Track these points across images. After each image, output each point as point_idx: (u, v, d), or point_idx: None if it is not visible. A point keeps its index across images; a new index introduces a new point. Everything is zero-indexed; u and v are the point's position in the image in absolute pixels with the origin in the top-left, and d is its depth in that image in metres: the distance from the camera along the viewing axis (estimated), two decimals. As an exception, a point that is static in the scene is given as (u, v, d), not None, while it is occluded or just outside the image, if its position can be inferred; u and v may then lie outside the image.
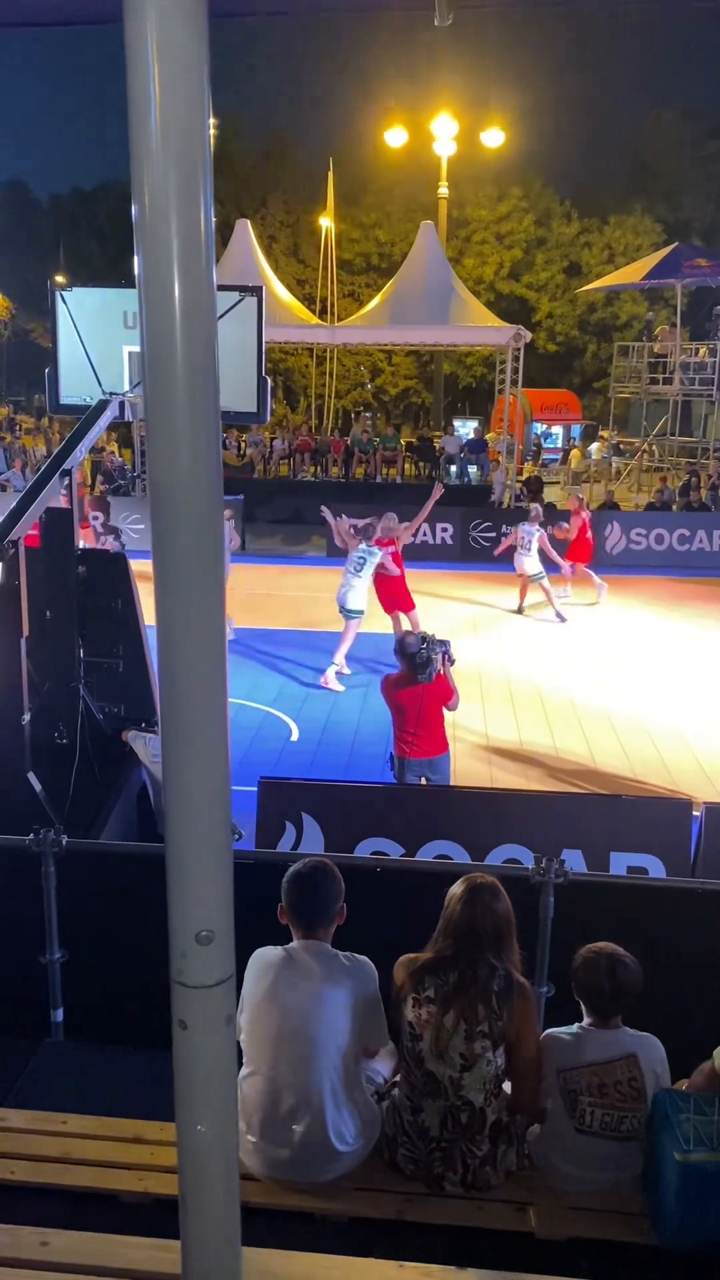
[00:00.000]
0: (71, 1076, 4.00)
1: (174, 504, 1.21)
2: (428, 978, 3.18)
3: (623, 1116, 3.06)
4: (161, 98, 1.24)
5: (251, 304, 7.65)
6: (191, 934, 1.08)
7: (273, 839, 6.19)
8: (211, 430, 1.30)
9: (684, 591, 16.58)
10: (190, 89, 1.27)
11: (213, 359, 1.30)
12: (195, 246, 1.27)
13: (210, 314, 1.34)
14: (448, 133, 28.49)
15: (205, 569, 1.21)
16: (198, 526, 1.20)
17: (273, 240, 38.59)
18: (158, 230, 1.25)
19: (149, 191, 1.24)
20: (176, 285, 1.23)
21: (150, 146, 1.25)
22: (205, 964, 1.11)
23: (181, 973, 1.12)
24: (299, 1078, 3.08)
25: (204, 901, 1.10)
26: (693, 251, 26.83)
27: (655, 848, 6.11)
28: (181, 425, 1.23)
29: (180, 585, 1.18)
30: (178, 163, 1.25)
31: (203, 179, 1.30)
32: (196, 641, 1.16)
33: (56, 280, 9.02)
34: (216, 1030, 1.12)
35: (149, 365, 1.30)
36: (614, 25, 33.84)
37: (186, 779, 1.08)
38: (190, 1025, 1.13)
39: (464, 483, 24.83)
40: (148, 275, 1.28)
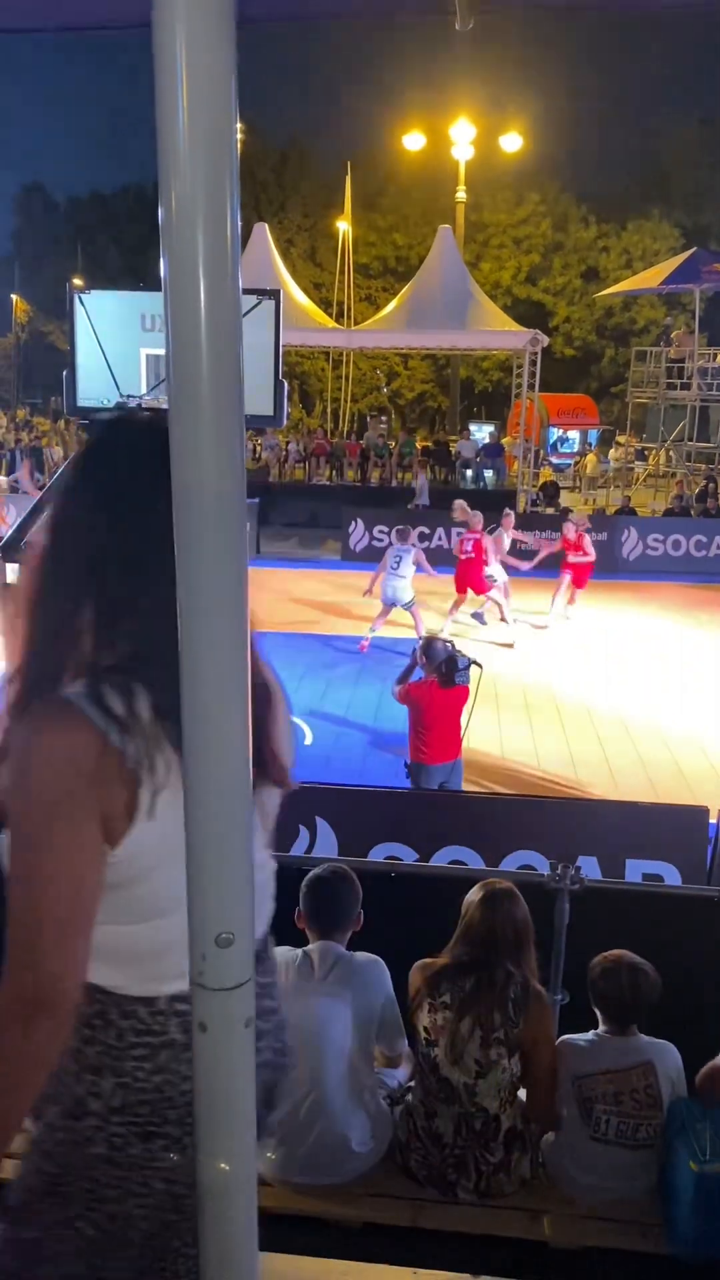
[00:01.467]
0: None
1: (198, 509, 1.21)
2: (444, 983, 3.17)
3: (638, 1124, 3.04)
4: (189, 100, 1.24)
5: (269, 307, 7.69)
6: (211, 936, 1.08)
7: (287, 842, 6.19)
8: (236, 436, 1.30)
9: (701, 598, 16.51)
10: (218, 92, 1.26)
11: (237, 365, 1.30)
12: (221, 251, 1.27)
13: (235, 320, 1.33)
14: (466, 137, 28.50)
15: (229, 573, 1.21)
16: (222, 531, 1.20)
17: (290, 244, 38.70)
18: (184, 234, 1.25)
19: (176, 195, 1.24)
20: (202, 291, 1.23)
21: (178, 149, 1.24)
22: (225, 966, 1.11)
23: (201, 975, 1.11)
24: (311, 1080, 3.08)
25: (224, 903, 1.10)
26: (711, 256, 26.77)
27: (671, 855, 6.08)
28: (206, 431, 1.23)
29: (204, 588, 1.18)
30: (205, 166, 1.24)
31: (230, 183, 1.30)
32: (219, 644, 1.16)
33: (75, 283, 9.07)
34: (237, 1032, 1.12)
35: (173, 371, 1.30)
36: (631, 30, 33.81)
37: (206, 782, 1.08)
38: (210, 1028, 1.13)
39: (480, 487, 24.82)
40: (173, 280, 1.27)
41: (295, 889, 3.45)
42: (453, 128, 28.56)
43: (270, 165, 42.96)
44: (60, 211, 51.61)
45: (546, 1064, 3.15)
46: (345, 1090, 3.10)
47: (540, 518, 20.84)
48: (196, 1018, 1.10)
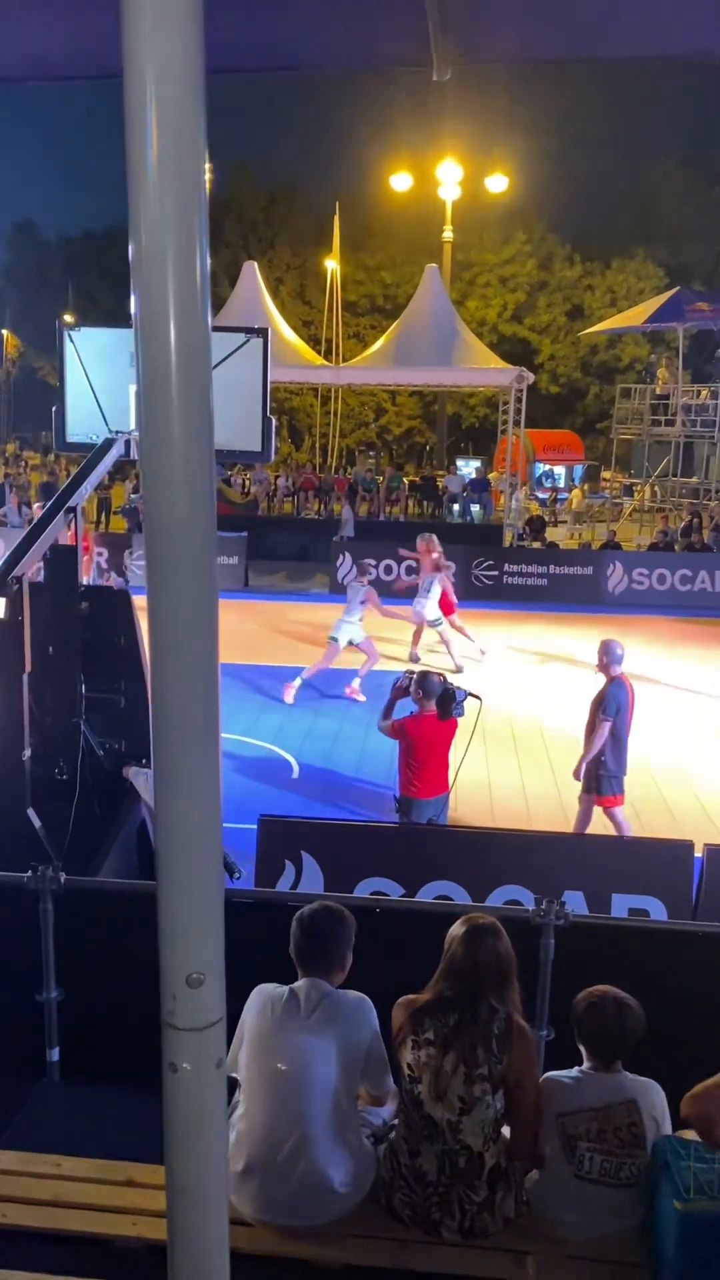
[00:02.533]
0: (66, 1117, 3.96)
1: (168, 544, 1.23)
2: (427, 1019, 3.16)
3: (622, 1163, 3.02)
4: (159, 148, 1.27)
5: (257, 345, 7.74)
6: (182, 976, 1.08)
7: (272, 877, 6.16)
8: (206, 471, 1.32)
9: (686, 632, 16.59)
10: (187, 140, 1.30)
11: (207, 400, 1.32)
12: (191, 289, 1.29)
13: (205, 355, 1.36)
14: (452, 178, 28.94)
15: (200, 610, 1.22)
16: (192, 566, 1.22)
17: (279, 282, 39.11)
18: (153, 275, 1.28)
19: (145, 236, 1.27)
20: (172, 330, 1.26)
21: (147, 188, 1.27)
22: (196, 1006, 1.11)
23: (172, 1014, 1.12)
24: (294, 1118, 3.06)
25: (195, 944, 1.10)
26: (694, 296, 27.18)
27: (657, 889, 6.08)
28: (177, 466, 1.25)
29: (175, 627, 1.20)
30: (175, 205, 1.27)
31: (199, 222, 1.33)
32: (189, 682, 1.18)
33: (65, 320, 9.13)
34: (207, 1073, 1.12)
35: (145, 408, 1.33)
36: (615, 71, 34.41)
37: (178, 821, 1.09)
38: (180, 1068, 1.13)
39: (467, 521, 24.96)
40: (144, 319, 1.30)
41: (281, 925, 3.44)
42: (439, 168, 29.00)
43: (260, 205, 43.49)
44: (51, 249, 52.06)
45: (530, 1100, 3.13)
46: (330, 1129, 3.07)
47: (524, 551, 20.97)
48: (167, 1058, 1.09)
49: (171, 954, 1.10)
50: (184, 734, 1.10)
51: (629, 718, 7.56)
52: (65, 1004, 4.30)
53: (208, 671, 1.20)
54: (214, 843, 1.09)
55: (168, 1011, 1.12)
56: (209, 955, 1.10)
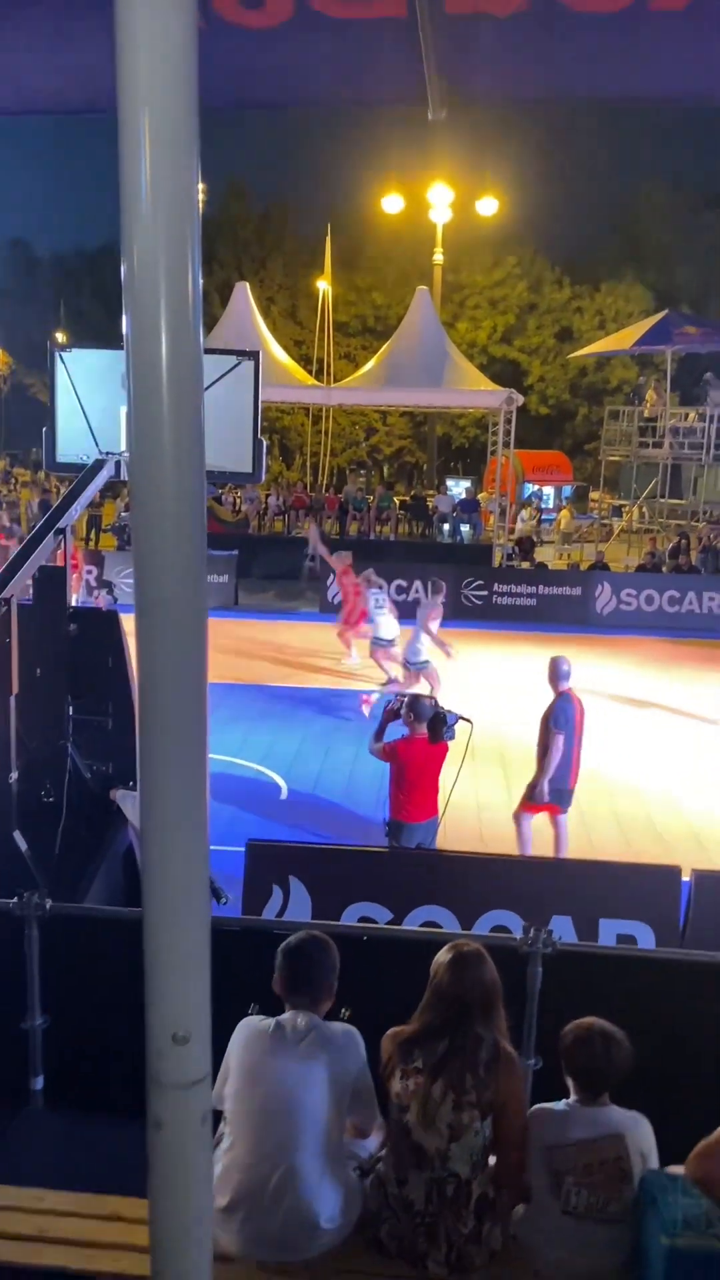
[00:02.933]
0: (50, 1147, 3.93)
1: (158, 564, 1.23)
2: (416, 1049, 3.15)
3: (609, 1198, 3.00)
4: (152, 174, 1.28)
5: (248, 368, 7.77)
6: (168, 1034, 1.07)
7: (260, 902, 6.13)
8: (196, 492, 1.31)
9: (674, 653, 16.65)
10: (180, 166, 1.30)
11: (199, 419, 1.32)
12: (183, 310, 1.29)
13: (196, 376, 1.36)
14: (443, 200, 29.16)
15: (188, 630, 1.22)
16: (181, 586, 1.21)
17: (271, 302, 39.27)
18: (145, 297, 1.27)
19: (137, 253, 1.27)
20: (164, 352, 1.26)
21: (140, 209, 1.27)
22: (181, 1064, 1.10)
23: (158, 1071, 1.11)
24: (281, 1152, 3.03)
25: (181, 1002, 1.09)
26: (682, 319, 27.38)
27: (645, 915, 6.07)
28: (168, 487, 1.25)
29: (164, 649, 1.19)
30: (167, 226, 1.27)
31: (191, 242, 1.33)
32: (178, 710, 1.17)
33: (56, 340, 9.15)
34: (192, 1129, 1.11)
35: (135, 429, 1.33)
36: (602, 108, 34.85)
37: (164, 886, 1.09)
38: (165, 1125, 1.12)
39: (457, 541, 25.03)
40: (134, 341, 1.30)
41: (266, 952, 3.42)
42: (431, 191, 29.22)
43: (252, 225, 43.70)
44: (43, 266, 52.17)
45: (518, 1127, 3.12)
46: (317, 1162, 3.05)
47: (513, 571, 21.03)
48: (152, 1115, 1.08)
49: (157, 1011, 1.09)
50: (172, 804, 1.10)
51: (577, 733, 7.67)
52: (50, 1031, 4.27)
53: (196, 694, 1.20)
54: (201, 904, 1.09)
55: (153, 1069, 1.11)
56: (195, 1013, 1.10)
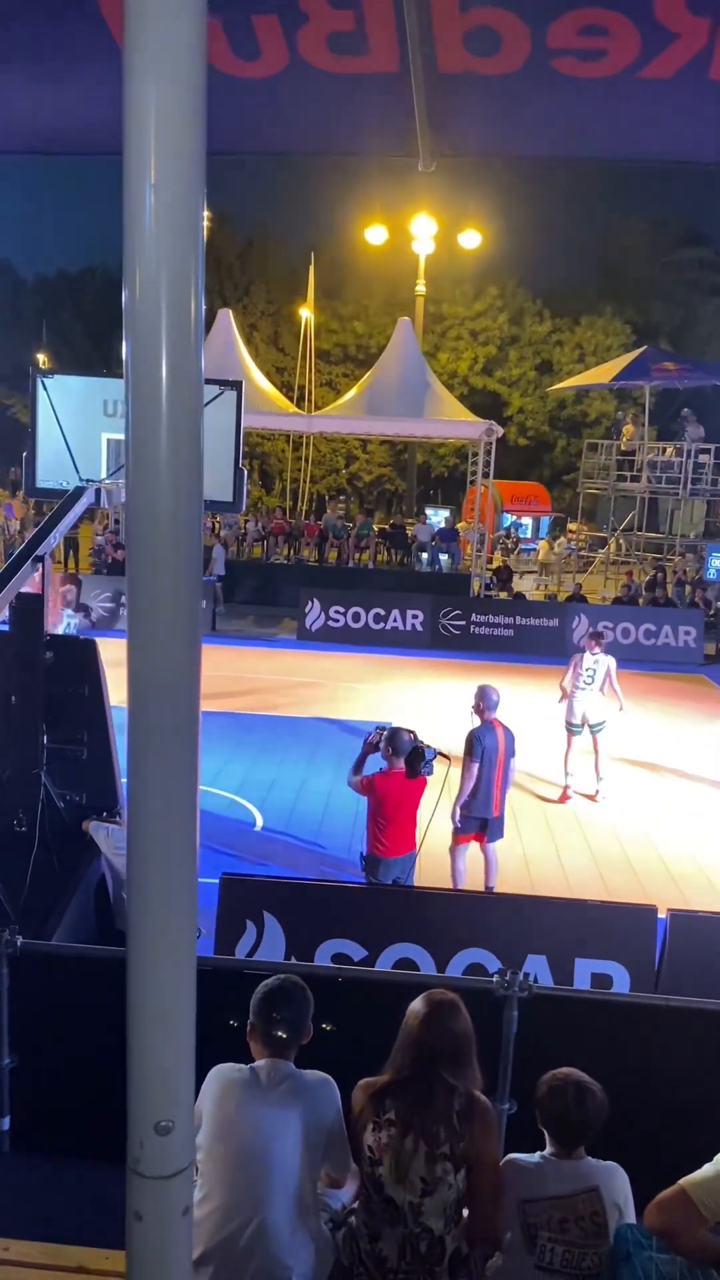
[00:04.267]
0: (15, 1193, 3.85)
1: (153, 592, 1.21)
2: (388, 1100, 3.10)
3: (584, 1253, 2.96)
4: (156, 207, 1.27)
5: (231, 397, 7.79)
6: (151, 1124, 1.04)
7: (233, 938, 6.07)
8: (193, 520, 1.30)
9: (650, 686, 16.70)
10: (185, 210, 1.29)
11: (198, 451, 1.31)
12: (185, 336, 1.28)
13: (197, 408, 1.35)
14: (426, 232, 29.46)
15: (183, 656, 1.20)
16: (176, 614, 1.20)
17: (254, 329, 39.48)
18: (148, 325, 1.26)
19: (140, 287, 1.26)
20: (164, 378, 1.24)
21: (144, 235, 1.26)
22: (163, 1154, 1.07)
23: (139, 1162, 1.08)
24: (254, 1205, 2.98)
25: (165, 1092, 1.07)
26: (661, 355, 27.74)
27: (620, 955, 6.05)
28: (163, 513, 1.24)
29: (157, 675, 1.17)
30: (170, 253, 1.27)
31: (195, 269, 1.32)
32: (168, 743, 1.14)
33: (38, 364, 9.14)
34: (173, 1221, 1.08)
35: (133, 456, 1.31)
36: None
37: (149, 975, 1.07)
38: (145, 1217, 1.09)
39: (435, 570, 25.12)
40: (135, 364, 1.29)
41: (239, 991, 3.37)
42: (414, 223, 29.52)
43: (236, 252, 43.99)
44: (26, 288, 52.24)
45: (490, 1179, 3.07)
46: (290, 1216, 2.99)
47: (491, 602, 21.13)
48: (131, 1207, 1.05)
49: (140, 1101, 1.06)
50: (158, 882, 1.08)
51: (499, 762, 7.79)
52: (17, 1071, 4.19)
53: (188, 727, 1.17)
54: (186, 997, 1.06)
55: (133, 1159, 1.08)
56: (179, 1102, 1.07)
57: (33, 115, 2.57)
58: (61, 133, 2.65)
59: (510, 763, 7.91)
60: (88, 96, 2.53)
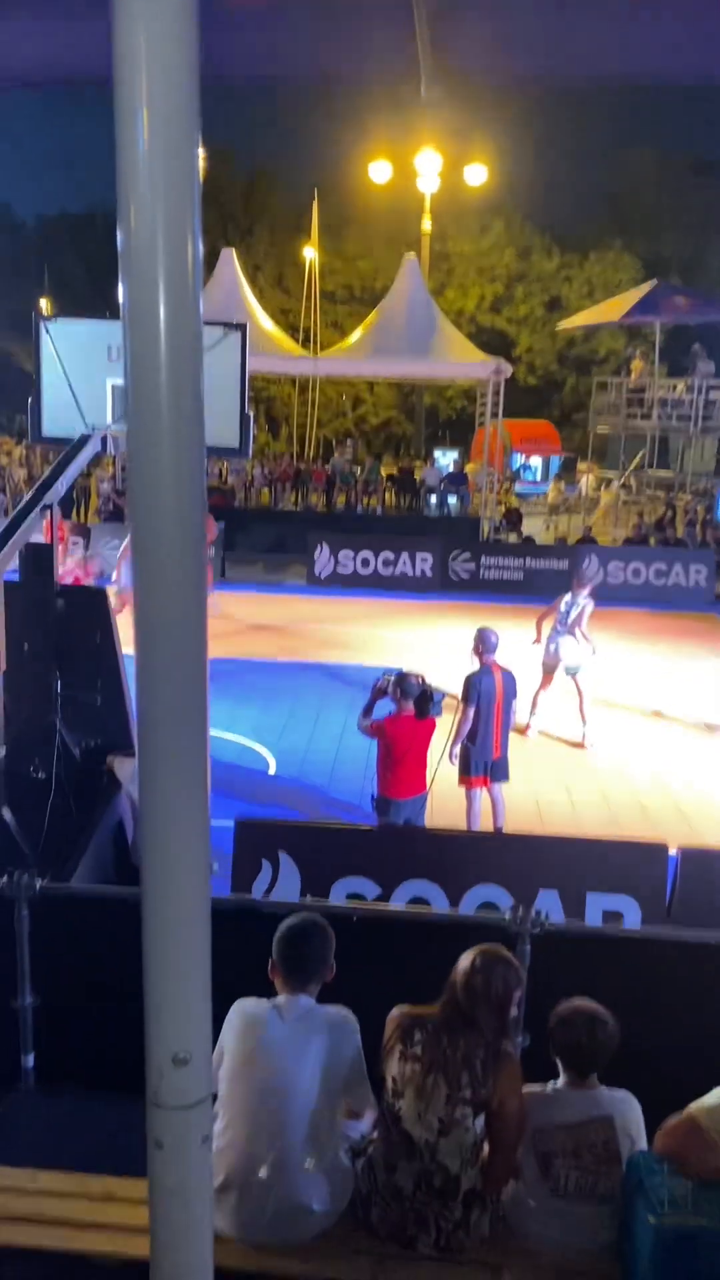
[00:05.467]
0: (42, 1127, 3.95)
1: (156, 538, 1.21)
2: (418, 1033, 3.14)
3: (597, 1179, 3.04)
4: (149, 140, 1.24)
5: (235, 339, 7.68)
6: (168, 1056, 1.06)
7: (249, 878, 6.16)
8: (196, 466, 1.29)
9: (660, 626, 16.68)
10: (179, 133, 1.27)
11: (198, 396, 1.29)
12: (183, 278, 1.26)
13: (197, 348, 1.33)
14: (431, 168, 28.82)
15: (187, 604, 1.20)
16: (180, 561, 1.19)
17: (257, 269, 38.86)
18: (144, 263, 1.25)
19: (135, 225, 1.24)
20: (162, 319, 1.23)
21: (138, 173, 1.24)
22: (182, 1086, 1.10)
23: (157, 1094, 1.10)
24: (275, 1136, 3.05)
25: (182, 1023, 1.09)
26: (671, 290, 27.19)
27: (631, 890, 6.13)
28: (165, 460, 1.23)
29: (162, 622, 1.17)
30: (166, 190, 1.24)
31: (191, 208, 1.30)
32: (177, 688, 1.14)
33: (41, 309, 9.02)
34: (192, 1149, 1.10)
35: (133, 399, 1.30)
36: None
37: (164, 907, 1.08)
38: (166, 1145, 1.11)
39: (444, 513, 24.97)
40: (132, 309, 1.27)
41: (255, 930, 3.43)
42: (418, 158, 28.87)
43: (238, 191, 43.16)
44: (27, 231, 51.37)
45: (512, 1128, 3.11)
46: (309, 1146, 3.07)
47: (501, 545, 21.03)
48: (152, 1135, 1.08)
49: (158, 1033, 1.08)
50: (170, 815, 1.08)
51: (497, 705, 7.73)
52: (41, 1010, 4.27)
53: (195, 674, 1.18)
54: (201, 928, 1.08)
55: (153, 1090, 1.10)
56: (196, 1034, 1.09)
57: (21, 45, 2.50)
58: (52, 63, 2.58)
59: (511, 704, 7.89)
60: (78, 25, 2.46)
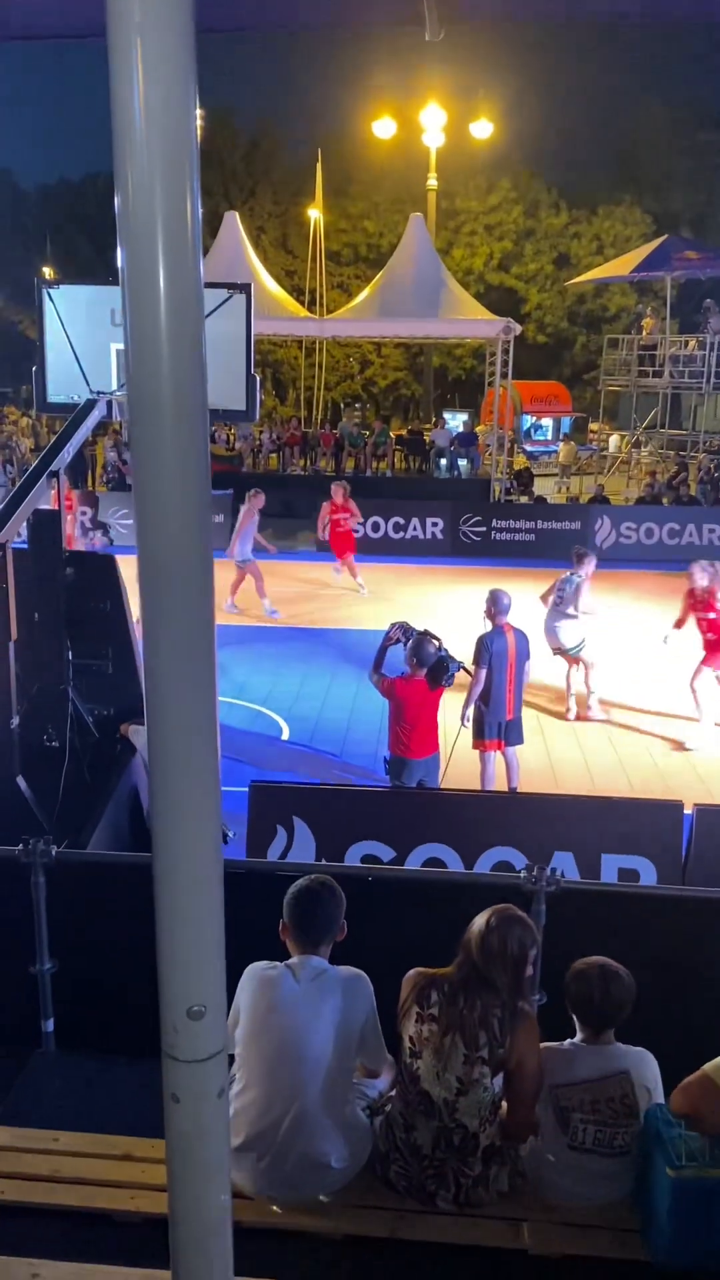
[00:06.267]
0: (62, 1089, 3.98)
1: (159, 504, 1.18)
2: (434, 994, 3.13)
3: (615, 1132, 3.05)
4: (145, 99, 1.21)
5: (240, 301, 7.59)
6: (183, 1009, 1.05)
7: (264, 843, 6.17)
8: (199, 430, 1.27)
9: (675, 586, 16.49)
10: (176, 91, 1.23)
11: (200, 359, 1.26)
12: (182, 243, 1.23)
13: (197, 312, 1.30)
14: (436, 124, 28.36)
15: (192, 574, 1.18)
16: (184, 527, 1.17)
17: (261, 231, 38.40)
18: (142, 226, 1.22)
19: (133, 187, 1.21)
20: (162, 283, 1.20)
21: (134, 136, 1.21)
22: (197, 1039, 1.09)
23: (173, 1047, 1.09)
24: (292, 1095, 3.07)
25: (196, 977, 1.07)
26: (682, 244, 26.80)
27: (646, 850, 6.12)
28: (167, 425, 1.20)
29: (167, 591, 1.15)
30: (163, 152, 1.21)
31: (190, 174, 1.26)
32: (184, 654, 1.13)
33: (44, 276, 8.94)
34: (208, 1102, 1.10)
35: (133, 364, 1.27)
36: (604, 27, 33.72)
37: (176, 860, 1.06)
38: (182, 1099, 1.11)
39: (454, 476, 24.80)
40: (131, 273, 1.24)
41: (270, 893, 3.43)
42: (423, 113, 28.39)
43: (240, 152, 42.56)
44: (28, 198, 50.90)
45: (530, 1087, 3.12)
46: (326, 1105, 3.09)
47: (512, 507, 20.89)
48: (168, 1089, 1.07)
49: (172, 987, 1.07)
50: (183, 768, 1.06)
51: (509, 665, 7.68)
52: (59, 975, 4.31)
53: (203, 642, 1.16)
54: (214, 882, 1.06)
55: (168, 1044, 1.09)
56: (210, 988, 1.08)
57: None
58: (47, 15, 2.51)
59: (524, 665, 7.83)
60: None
